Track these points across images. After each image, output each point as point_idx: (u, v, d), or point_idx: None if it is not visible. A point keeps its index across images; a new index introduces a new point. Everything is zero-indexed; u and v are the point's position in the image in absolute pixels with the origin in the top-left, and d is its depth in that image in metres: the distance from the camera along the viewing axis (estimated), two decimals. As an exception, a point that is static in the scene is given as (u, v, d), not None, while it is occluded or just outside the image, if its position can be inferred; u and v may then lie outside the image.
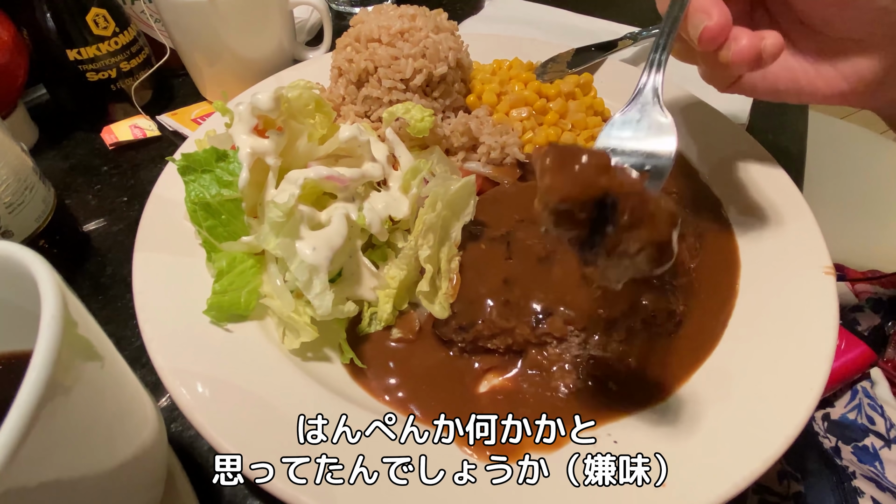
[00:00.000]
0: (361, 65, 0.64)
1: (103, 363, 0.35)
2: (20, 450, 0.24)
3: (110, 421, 0.35)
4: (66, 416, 0.29)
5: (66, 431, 0.30)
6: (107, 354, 0.36)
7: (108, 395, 0.35)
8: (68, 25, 0.72)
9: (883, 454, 0.63)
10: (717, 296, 0.55)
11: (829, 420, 0.70)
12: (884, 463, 0.62)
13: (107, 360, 0.36)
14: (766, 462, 0.41)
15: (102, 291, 0.62)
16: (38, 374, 0.26)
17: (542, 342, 0.51)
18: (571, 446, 0.44)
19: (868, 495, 0.60)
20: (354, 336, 0.53)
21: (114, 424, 0.35)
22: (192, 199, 0.51)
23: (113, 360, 0.37)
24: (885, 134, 2.31)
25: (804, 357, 0.48)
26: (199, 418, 0.43)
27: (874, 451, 0.64)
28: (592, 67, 0.82)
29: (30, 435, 0.25)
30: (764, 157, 0.67)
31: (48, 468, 0.28)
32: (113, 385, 0.36)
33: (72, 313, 0.31)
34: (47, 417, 0.26)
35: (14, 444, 0.24)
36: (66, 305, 0.31)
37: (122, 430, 0.36)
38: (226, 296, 0.49)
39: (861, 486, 0.60)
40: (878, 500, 0.60)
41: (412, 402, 0.48)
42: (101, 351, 0.35)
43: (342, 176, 0.52)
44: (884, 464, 0.62)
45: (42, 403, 0.26)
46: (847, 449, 0.66)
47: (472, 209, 0.54)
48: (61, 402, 0.28)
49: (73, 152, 0.79)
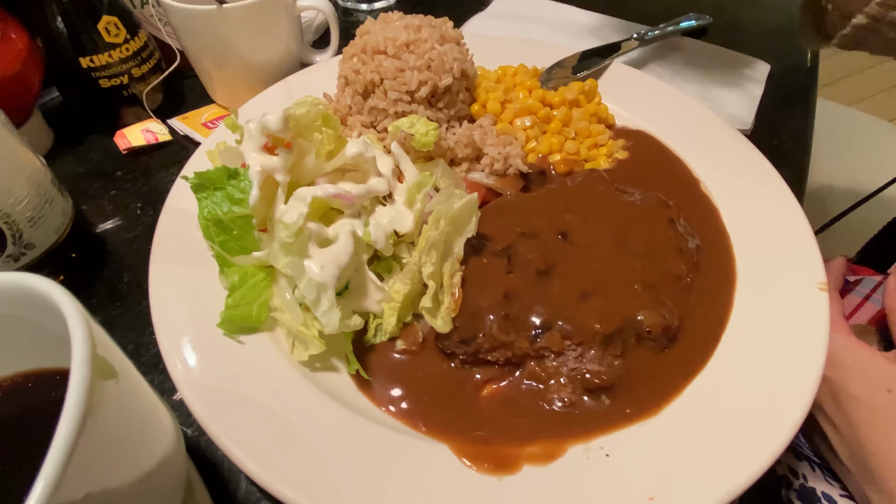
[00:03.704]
0: (367, 77, 0.65)
1: (119, 380, 0.37)
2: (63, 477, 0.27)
3: (132, 434, 0.37)
4: (95, 434, 0.32)
5: (94, 450, 0.32)
6: (122, 370, 0.38)
7: (128, 410, 0.37)
8: (80, 34, 0.73)
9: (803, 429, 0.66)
10: (712, 310, 0.57)
11: None
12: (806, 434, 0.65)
13: (123, 376, 0.37)
14: (750, 477, 0.44)
15: (120, 298, 0.64)
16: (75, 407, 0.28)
17: (541, 355, 0.53)
18: (566, 459, 0.46)
19: (785, 463, 0.62)
20: (360, 346, 0.55)
21: (135, 437, 0.38)
22: (205, 216, 0.53)
23: (129, 374, 0.39)
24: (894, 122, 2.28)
25: (793, 375, 0.49)
26: (214, 429, 0.46)
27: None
28: (598, 72, 0.82)
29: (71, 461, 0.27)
30: (766, 168, 0.68)
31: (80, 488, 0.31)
32: (132, 400, 0.39)
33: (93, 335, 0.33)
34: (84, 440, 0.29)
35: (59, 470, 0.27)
36: (92, 334, 0.33)
37: (144, 441, 0.38)
38: (238, 310, 0.52)
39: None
40: (794, 468, 0.62)
41: (415, 413, 0.51)
42: (118, 368, 0.37)
43: (349, 193, 0.54)
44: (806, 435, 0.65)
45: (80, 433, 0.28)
46: None
47: (475, 226, 0.55)
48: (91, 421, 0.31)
49: (88, 157, 0.81)
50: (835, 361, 0.57)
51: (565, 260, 0.58)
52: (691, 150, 0.72)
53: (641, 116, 0.77)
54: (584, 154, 0.72)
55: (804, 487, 0.61)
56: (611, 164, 0.72)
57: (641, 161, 0.73)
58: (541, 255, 0.57)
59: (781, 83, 0.94)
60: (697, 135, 0.73)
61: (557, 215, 0.62)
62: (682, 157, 0.72)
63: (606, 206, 0.63)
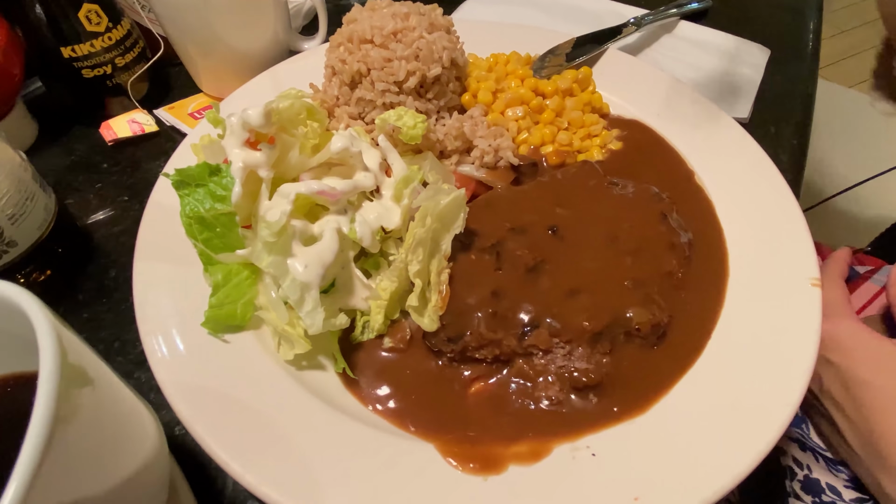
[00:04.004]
0: (354, 67, 0.64)
1: (95, 386, 0.36)
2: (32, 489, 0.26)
3: (109, 441, 0.37)
4: (66, 445, 0.32)
5: (69, 459, 0.32)
6: (98, 376, 0.37)
7: (106, 416, 0.37)
8: (61, 22, 0.71)
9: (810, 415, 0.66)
10: (703, 306, 0.56)
11: None
12: (809, 426, 0.65)
13: (99, 381, 0.37)
14: (736, 478, 0.43)
15: (107, 294, 0.64)
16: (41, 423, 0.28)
17: (529, 353, 0.53)
18: (552, 459, 0.46)
19: (790, 454, 0.63)
20: (347, 344, 0.55)
21: (113, 444, 0.37)
22: (187, 214, 0.52)
23: (106, 379, 0.39)
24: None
25: (782, 373, 0.49)
26: (198, 429, 0.45)
27: (801, 415, 0.66)
28: (593, 59, 0.80)
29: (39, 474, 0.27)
30: (762, 160, 0.66)
31: (55, 495, 0.30)
32: (109, 405, 0.38)
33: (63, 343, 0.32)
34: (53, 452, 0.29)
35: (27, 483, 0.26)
36: (61, 341, 0.32)
37: (123, 447, 0.38)
38: (222, 309, 0.51)
39: (783, 446, 0.63)
40: (798, 459, 0.62)
41: (402, 411, 0.51)
42: (93, 374, 0.37)
43: (334, 190, 0.53)
44: (809, 426, 0.65)
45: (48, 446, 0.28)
46: None
47: (462, 222, 0.54)
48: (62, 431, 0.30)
49: (74, 148, 0.79)
50: (843, 347, 0.56)
51: (555, 256, 0.57)
52: (686, 141, 0.71)
53: (636, 105, 0.76)
54: (577, 145, 0.71)
55: (808, 478, 0.61)
56: (604, 156, 0.71)
57: (635, 152, 0.71)
58: (530, 251, 0.57)
59: (782, 69, 0.92)
60: (693, 125, 0.72)
61: (548, 210, 0.61)
62: (676, 148, 0.71)
63: (598, 200, 0.62)
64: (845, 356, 0.56)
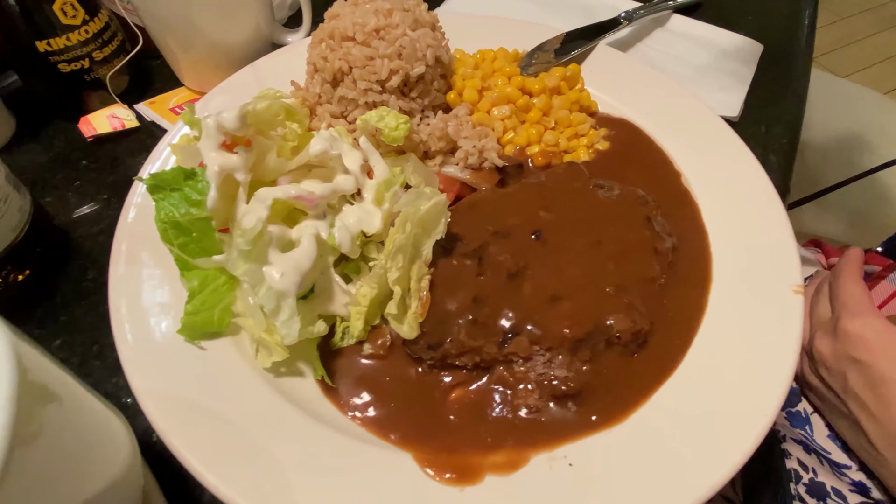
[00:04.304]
0: (336, 65, 0.62)
1: (62, 402, 0.36)
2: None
3: (78, 458, 0.36)
4: (28, 466, 0.31)
5: (31, 480, 0.32)
6: (65, 391, 0.37)
7: (73, 433, 0.36)
8: (35, 15, 0.69)
9: (813, 419, 0.65)
10: (685, 312, 0.56)
11: None
12: (813, 427, 0.64)
13: (65, 397, 0.36)
14: (711, 489, 0.43)
15: (85, 297, 0.63)
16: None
17: (509, 360, 0.53)
18: (528, 469, 0.46)
19: (795, 457, 0.62)
20: (327, 350, 0.54)
21: (83, 460, 0.37)
22: (162, 219, 0.51)
23: (73, 394, 0.38)
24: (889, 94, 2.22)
25: (761, 383, 0.49)
26: (173, 440, 0.45)
27: (805, 416, 0.65)
28: (582, 55, 0.79)
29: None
30: (750, 163, 0.65)
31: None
32: (77, 421, 0.37)
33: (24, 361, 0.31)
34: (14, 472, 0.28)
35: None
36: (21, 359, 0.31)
37: (92, 464, 0.37)
38: (198, 316, 0.51)
39: (789, 449, 0.63)
40: (804, 462, 0.62)
41: (380, 420, 0.50)
42: (58, 390, 0.36)
43: (311, 195, 0.52)
44: (813, 428, 0.64)
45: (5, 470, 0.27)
46: (781, 414, 0.68)
47: (444, 227, 0.54)
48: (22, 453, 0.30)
49: (52, 144, 0.78)
50: (871, 345, 0.55)
51: (537, 261, 0.56)
52: (674, 141, 0.70)
53: (625, 103, 0.74)
54: (564, 145, 0.70)
55: (814, 482, 0.60)
56: (591, 156, 0.70)
57: (623, 152, 0.70)
58: (512, 256, 0.56)
59: (774, 64, 0.91)
60: (681, 124, 0.71)
61: (532, 213, 0.60)
62: (664, 148, 0.70)
63: (582, 203, 0.62)
64: (874, 355, 0.55)
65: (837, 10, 3.09)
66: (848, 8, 3.11)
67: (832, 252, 0.97)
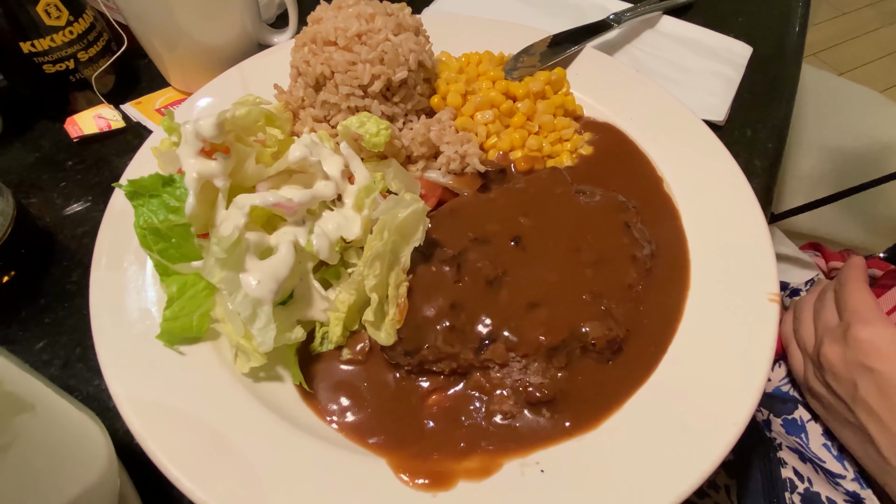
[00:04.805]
0: (318, 69, 0.62)
1: (36, 410, 0.36)
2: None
3: (52, 465, 0.37)
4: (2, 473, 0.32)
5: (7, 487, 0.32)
6: (40, 399, 0.37)
7: (47, 441, 0.37)
8: (18, 16, 0.69)
9: (809, 427, 0.65)
10: (661, 319, 0.56)
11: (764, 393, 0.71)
12: (809, 435, 0.64)
13: (40, 406, 0.37)
14: (678, 497, 0.44)
15: (69, 299, 0.63)
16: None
17: (486, 366, 0.53)
18: (501, 475, 0.47)
19: (790, 466, 0.62)
20: (307, 355, 0.55)
21: (57, 468, 0.37)
22: (141, 225, 0.52)
23: (48, 402, 0.38)
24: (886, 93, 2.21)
25: (734, 391, 0.49)
26: (151, 445, 0.46)
27: (801, 424, 0.65)
28: (568, 59, 0.79)
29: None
30: (732, 170, 0.65)
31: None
32: (52, 429, 0.38)
33: None
34: None
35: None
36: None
37: (67, 470, 0.38)
38: (177, 321, 0.51)
39: (785, 457, 0.62)
40: (799, 471, 0.61)
41: (357, 425, 0.51)
42: (33, 399, 0.36)
43: (290, 202, 0.52)
44: (809, 436, 0.64)
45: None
46: (777, 422, 0.67)
47: (423, 235, 0.54)
48: None
49: (38, 144, 0.78)
50: (884, 353, 0.54)
51: (516, 268, 0.57)
52: (657, 146, 0.70)
53: (610, 107, 0.75)
54: (548, 150, 0.70)
55: (809, 491, 0.59)
56: (574, 161, 0.70)
57: (606, 157, 0.70)
58: (491, 262, 0.56)
59: (763, 67, 0.91)
60: (665, 130, 0.71)
61: (512, 219, 0.61)
62: (647, 154, 0.70)
63: (563, 209, 0.62)
64: (886, 362, 0.54)
65: (839, 5, 3.07)
66: (849, 3, 3.09)
67: (831, 255, 0.96)
